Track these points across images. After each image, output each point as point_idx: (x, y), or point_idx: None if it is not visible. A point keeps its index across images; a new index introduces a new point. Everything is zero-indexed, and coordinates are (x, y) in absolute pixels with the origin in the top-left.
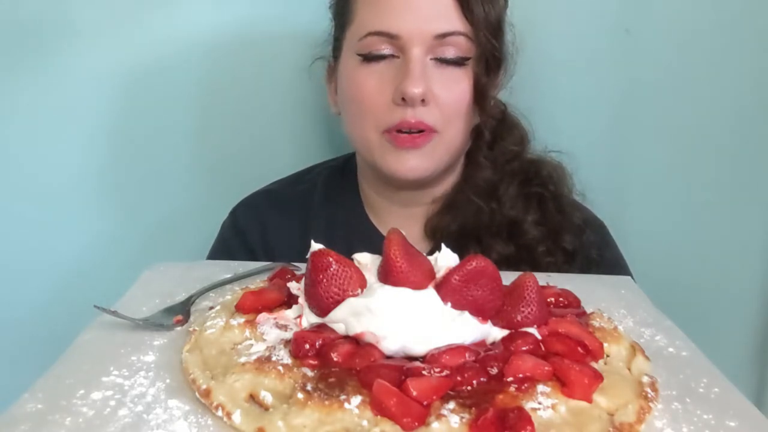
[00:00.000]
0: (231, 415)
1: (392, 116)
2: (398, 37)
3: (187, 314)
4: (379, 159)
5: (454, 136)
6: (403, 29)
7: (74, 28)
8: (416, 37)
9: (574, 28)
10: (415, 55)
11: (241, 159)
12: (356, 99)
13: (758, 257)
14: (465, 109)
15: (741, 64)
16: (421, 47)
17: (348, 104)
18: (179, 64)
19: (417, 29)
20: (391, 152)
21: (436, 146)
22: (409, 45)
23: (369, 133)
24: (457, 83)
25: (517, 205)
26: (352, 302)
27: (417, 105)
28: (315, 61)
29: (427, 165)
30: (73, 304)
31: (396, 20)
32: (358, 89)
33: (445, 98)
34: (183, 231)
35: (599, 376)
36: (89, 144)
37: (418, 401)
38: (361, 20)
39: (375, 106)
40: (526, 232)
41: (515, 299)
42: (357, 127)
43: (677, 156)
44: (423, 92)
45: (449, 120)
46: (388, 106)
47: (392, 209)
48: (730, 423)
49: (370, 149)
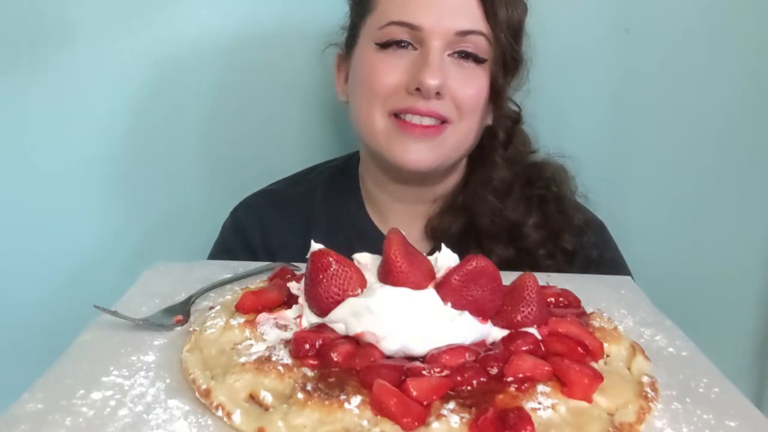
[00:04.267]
0: (231, 415)
1: (403, 101)
2: (420, 29)
3: (187, 314)
4: (384, 146)
5: (466, 132)
6: (426, 22)
7: (79, 27)
8: (438, 30)
9: (574, 28)
10: (435, 47)
11: (244, 159)
12: (368, 82)
13: (758, 257)
14: (480, 107)
15: (741, 64)
16: (441, 41)
17: (358, 88)
18: (183, 64)
19: (439, 23)
20: (397, 139)
21: (447, 139)
22: (430, 38)
23: (376, 116)
24: (474, 80)
25: (519, 208)
26: (352, 302)
27: (431, 97)
28: (328, 47)
29: (434, 158)
30: (73, 304)
31: (419, 12)
32: (373, 73)
33: (461, 94)
34: (184, 230)
35: (599, 376)
36: (92, 143)
37: (418, 401)
38: (383, 9)
39: (386, 89)
40: (527, 236)
41: (515, 299)
42: (363, 111)
43: (677, 156)
44: (440, 84)
45: (463, 115)
46: (400, 91)
47: (393, 206)
48: (730, 423)
49: (375, 135)
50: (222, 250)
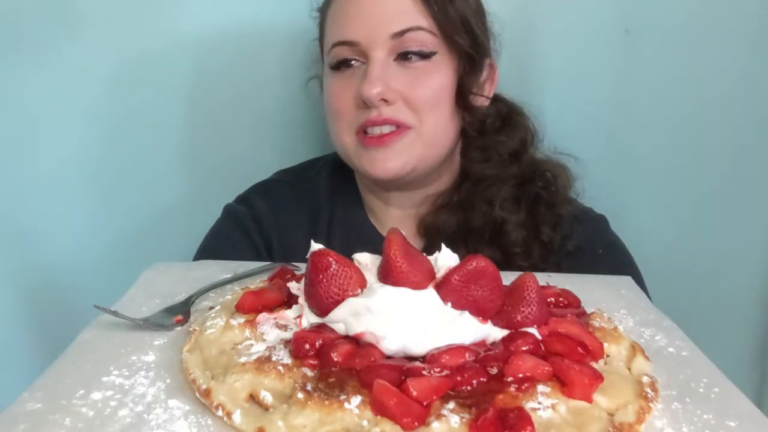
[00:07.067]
0: (231, 415)
1: (359, 117)
2: (357, 44)
3: (187, 314)
4: (356, 161)
5: (432, 131)
6: (360, 35)
7: (66, 26)
8: (373, 40)
9: (574, 28)
10: (375, 57)
11: (239, 155)
12: (330, 106)
13: (758, 257)
14: (439, 103)
15: (741, 63)
16: (381, 49)
17: (326, 112)
18: (173, 63)
19: (373, 32)
20: (363, 153)
21: (413, 142)
22: (369, 49)
23: (344, 137)
24: (426, 76)
25: (506, 206)
26: (352, 302)
27: (380, 105)
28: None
29: (403, 163)
30: (73, 304)
31: (353, 27)
32: (331, 95)
33: (411, 94)
34: (185, 230)
35: (599, 376)
36: (86, 142)
37: (418, 401)
38: (328, 33)
39: (344, 110)
40: (507, 234)
41: (515, 299)
42: (334, 133)
43: (677, 156)
44: (380, 92)
45: (422, 114)
46: (355, 109)
47: (387, 209)
48: (730, 423)
49: (348, 153)
50: (221, 238)
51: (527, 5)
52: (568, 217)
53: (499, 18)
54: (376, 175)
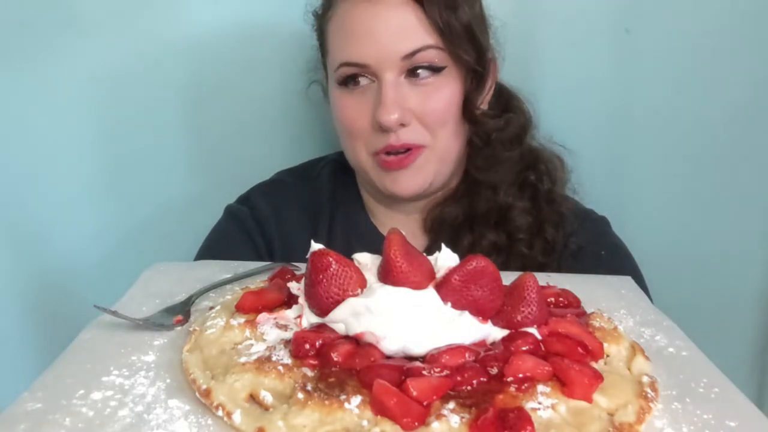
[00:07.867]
0: (231, 415)
1: (377, 141)
2: (367, 66)
3: (187, 314)
4: (376, 179)
5: (445, 146)
6: (370, 57)
7: (69, 25)
8: (384, 62)
9: (574, 28)
10: (386, 80)
11: (240, 155)
12: (342, 123)
13: (759, 257)
14: (450, 117)
15: (740, 63)
16: (392, 71)
17: (338, 125)
18: (174, 63)
19: (384, 55)
20: (383, 175)
21: (428, 160)
22: (380, 71)
23: (360, 155)
24: (437, 92)
25: (511, 191)
26: (352, 302)
27: (397, 129)
28: (311, 84)
29: (422, 181)
30: (73, 304)
31: (362, 50)
32: (342, 113)
33: (425, 112)
34: (186, 230)
35: (599, 376)
36: (87, 142)
37: (418, 401)
38: (334, 51)
39: (360, 131)
40: (513, 220)
41: (515, 299)
42: (349, 149)
43: (677, 155)
44: (398, 118)
45: (435, 132)
46: (371, 131)
47: (391, 213)
48: (730, 423)
49: (365, 171)
50: (222, 239)
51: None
52: (569, 216)
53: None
54: (398, 194)
